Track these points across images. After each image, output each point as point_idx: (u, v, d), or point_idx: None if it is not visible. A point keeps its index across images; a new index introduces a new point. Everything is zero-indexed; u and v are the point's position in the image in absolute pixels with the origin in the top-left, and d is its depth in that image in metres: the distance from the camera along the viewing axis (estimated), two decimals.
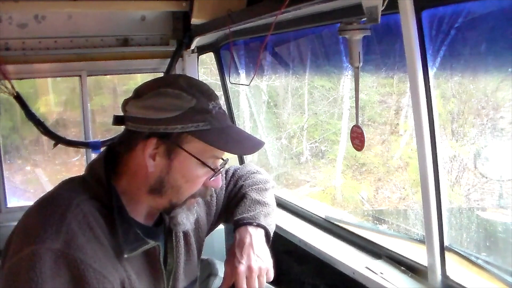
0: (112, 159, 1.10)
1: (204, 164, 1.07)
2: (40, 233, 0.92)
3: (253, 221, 1.29)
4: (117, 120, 1.10)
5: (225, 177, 1.47)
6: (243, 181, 1.46)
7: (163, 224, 1.19)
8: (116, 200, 1.04)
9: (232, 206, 1.40)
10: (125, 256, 1.01)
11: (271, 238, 1.32)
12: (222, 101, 2.63)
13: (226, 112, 1.14)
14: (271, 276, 1.24)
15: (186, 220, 1.12)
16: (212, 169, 1.09)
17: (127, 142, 1.08)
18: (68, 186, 1.07)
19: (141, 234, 1.04)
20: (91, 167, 1.10)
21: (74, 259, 0.91)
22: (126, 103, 1.08)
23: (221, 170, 1.14)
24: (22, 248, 0.92)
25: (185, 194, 1.10)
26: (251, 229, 1.28)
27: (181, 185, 1.08)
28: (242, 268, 1.20)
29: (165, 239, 1.19)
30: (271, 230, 1.33)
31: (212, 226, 1.43)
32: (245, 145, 1.12)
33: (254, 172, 1.50)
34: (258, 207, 1.35)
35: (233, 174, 1.48)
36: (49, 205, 0.99)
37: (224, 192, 1.44)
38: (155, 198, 1.09)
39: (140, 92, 1.07)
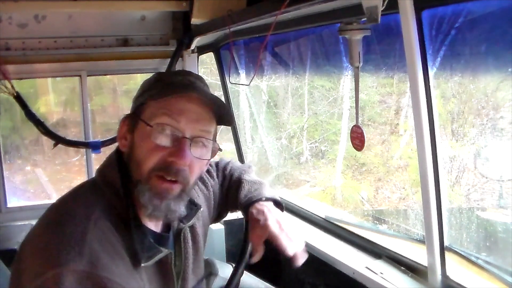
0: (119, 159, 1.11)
1: (148, 125, 1.02)
2: (62, 255, 0.89)
3: (260, 197, 1.32)
4: None
5: (212, 171, 1.49)
6: (229, 170, 1.51)
7: (171, 229, 1.18)
8: (132, 207, 1.03)
9: (233, 195, 1.42)
10: (142, 265, 1.01)
11: (283, 205, 1.35)
12: None
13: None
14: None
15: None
16: (149, 125, 1.02)
17: None
18: (81, 200, 1.03)
19: (154, 244, 1.04)
20: (102, 171, 1.09)
21: (101, 278, 0.89)
22: None
23: (177, 140, 1.03)
24: (44, 270, 0.89)
25: (144, 168, 1.03)
26: (262, 203, 1.30)
27: (140, 159, 1.03)
28: (271, 221, 1.19)
29: (173, 241, 1.19)
30: (279, 198, 1.36)
31: (212, 220, 1.46)
32: (185, 92, 1.05)
33: (233, 161, 1.56)
34: (256, 186, 1.39)
35: (217, 167, 1.52)
36: (67, 224, 0.96)
37: (218, 186, 1.48)
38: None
39: None
